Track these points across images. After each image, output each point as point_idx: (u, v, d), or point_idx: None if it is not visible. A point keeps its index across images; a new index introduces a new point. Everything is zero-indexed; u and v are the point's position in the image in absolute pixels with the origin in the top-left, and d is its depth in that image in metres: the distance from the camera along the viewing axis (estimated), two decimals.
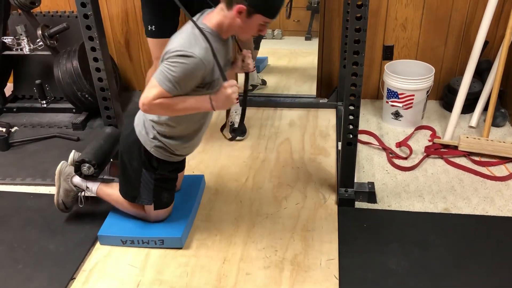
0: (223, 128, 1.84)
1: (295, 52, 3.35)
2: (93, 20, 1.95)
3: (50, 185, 2.30)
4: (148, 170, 1.80)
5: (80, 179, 2.00)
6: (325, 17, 2.81)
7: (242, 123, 1.84)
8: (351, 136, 2.00)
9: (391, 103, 2.68)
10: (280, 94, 3.05)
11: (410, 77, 2.59)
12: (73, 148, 2.17)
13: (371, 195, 2.12)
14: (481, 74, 2.76)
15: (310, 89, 3.04)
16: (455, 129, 2.59)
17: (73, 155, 2.08)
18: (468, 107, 2.72)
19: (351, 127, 1.98)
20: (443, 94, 2.91)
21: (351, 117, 1.96)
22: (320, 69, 2.95)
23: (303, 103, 2.94)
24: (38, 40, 2.76)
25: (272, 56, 3.30)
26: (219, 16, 1.57)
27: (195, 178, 2.22)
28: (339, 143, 2.16)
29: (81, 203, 2.04)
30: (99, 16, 1.99)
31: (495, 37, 2.73)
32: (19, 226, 2.07)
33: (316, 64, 2.94)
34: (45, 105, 3.01)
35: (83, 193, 2.03)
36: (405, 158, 2.43)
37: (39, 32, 2.71)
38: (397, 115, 2.69)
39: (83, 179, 2.00)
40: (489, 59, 2.75)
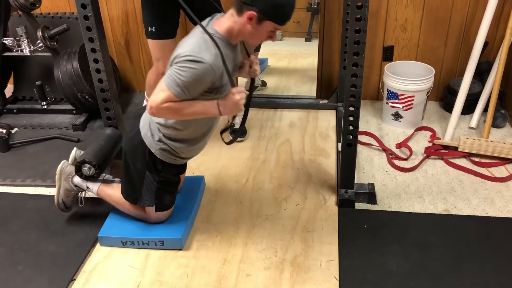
0: (223, 132, 1.84)
1: (295, 53, 3.35)
2: (93, 22, 1.95)
3: (50, 186, 2.30)
4: (152, 172, 1.80)
5: (80, 179, 2.01)
6: (325, 18, 2.81)
7: (243, 125, 1.85)
8: (351, 137, 2.00)
9: (391, 104, 2.68)
10: (280, 95, 3.05)
11: (410, 78, 2.59)
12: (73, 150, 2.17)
13: (371, 196, 2.12)
14: (481, 75, 2.76)
15: (310, 90, 3.04)
16: (455, 130, 2.59)
17: (74, 152, 2.07)
18: (468, 108, 2.72)
19: (351, 128, 1.98)
20: (443, 95, 2.91)
21: (351, 118, 1.96)
22: (320, 70, 2.95)
23: (303, 104, 2.94)
24: (38, 42, 2.77)
25: (272, 57, 3.31)
26: (229, 22, 1.58)
27: (195, 179, 2.22)
28: (339, 144, 2.16)
29: (81, 203, 2.04)
30: (99, 18, 2.00)
31: (495, 38, 2.73)
32: (19, 227, 2.07)
33: (316, 65, 2.94)
34: (45, 106, 3.01)
35: (84, 193, 2.03)
36: (405, 159, 2.43)
37: (39, 33, 2.71)
38: (397, 116, 2.70)
39: (83, 179, 2.01)
40: (489, 60, 2.75)
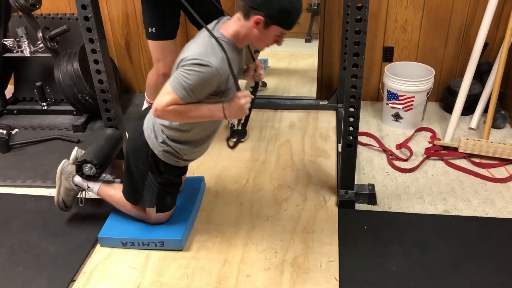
0: (229, 139, 1.85)
1: (295, 54, 3.35)
2: (94, 22, 1.95)
3: (50, 187, 2.30)
4: (154, 174, 1.80)
5: (81, 179, 2.01)
6: (325, 19, 2.81)
7: (245, 127, 1.85)
8: (351, 138, 2.00)
9: (391, 105, 2.68)
10: (280, 96, 3.05)
11: (410, 79, 2.59)
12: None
13: (371, 197, 2.12)
14: (481, 75, 2.76)
15: (310, 91, 3.04)
16: (455, 131, 2.59)
17: (75, 152, 2.08)
18: (468, 109, 2.72)
19: (351, 129, 1.98)
20: (443, 96, 2.91)
21: (351, 119, 1.96)
22: (320, 71, 2.95)
23: (303, 105, 2.94)
24: (38, 42, 2.77)
25: (272, 58, 3.31)
26: (236, 26, 1.58)
27: (195, 180, 2.22)
28: (339, 145, 2.16)
29: (81, 203, 2.04)
30: (99, 18, 2.00)
31: (495, 38, 2.73)
32: (19, 228, 2.07)
33: (316, 66, 2.94)
34: (45, 107, 3.01)
35: (84, 192, 2.03)
36: (405, 160, 2.43)
37: (39, 34, 2.71)
38: (397, 117, 2.70)
39: (84, 179, 2.01)
40: (489, 61, 2.75)
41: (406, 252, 1.85)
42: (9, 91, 3.16)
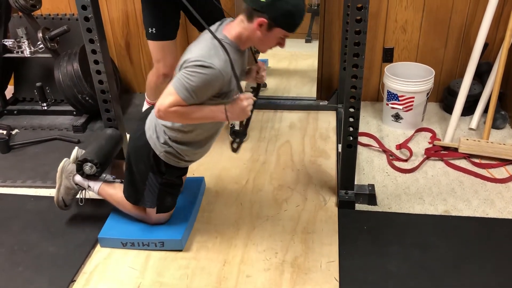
0: (233, 142, 1.85)
1: (295, 55, 3.36)
2: (94, 23, 1.95)
3: (50, 187, 2.30)
4: (155, 174, 1.81)
5: (82, 178, 2.01)
6: (325, 19, 2.81)
7: (246, 129, 1.86)
8: (351, 138, 2.00)
9: (391, 105, 2.68)
10: (280, 96, 3.05)
11: (410, 79, 2.59)
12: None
13: (371, 197, 2.12)
14: (481, 76, 2.76)
15: (310, 91, 3.04)
16: (455, 131, 2.59)
17: (76, 152, 2.08)
18: (468, 109, 2.72)
19: (351, 129, 1.98)
20: (443, 96, 2.91)
21: (351, 119, 1.96)
22: (320, 71, 2.96)
23: (303, 105, 2.94)
24: (38, 43, 2.77)
25: (272, 59, 3.31)
26: (239, 28, 1.59)
27: (195, 180, 2.22)
28: (339, 145, 2.17)
29: (81, 202, 2.05)
30: (99, 19, 2.00)
31: (495, 39, 2.73)
32: (19, 228, 2.07)
33: (316, 66, 2.94)
34: (45, 108, 3.01)
35: (84, 192, 2.03)
36: (405, 160, 2.43)
37: (39, 34, 2.71)
38: (397, 117, 2.70)
39: (85, 178, 2.01)
40: (489, 61, 2.75)
41: (406, 252, 1.85)
42: (9, 91, 3.17)
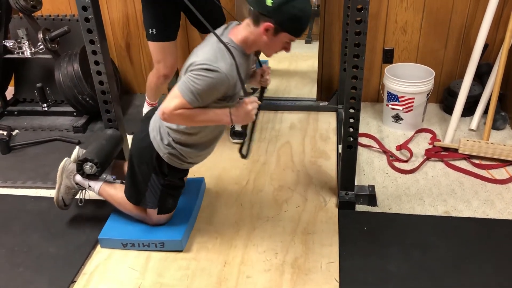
0: (241, 148, 1.85)
1: (295, 56, 3.36)
2: (94, 24, 1.95)
3: (50, 188, 2.30)
4: (158, 176, 1.81)
5: (82, 178, 2.01)
6: (325, 20, 2.82)
7: (246, 129, 1.86)
8: (351, 139, 2.00)
9: (391, 106, 2.68)
10: (280, 97, 3.05)
11: (410, 80, 2.59)
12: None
13: (371, 198, 2.12)
14: (481, 77, 2.77)
15: (310, 92, 3.04)
16: (455, 132, 2.60)
17: (77, 151, 2.08)
18: (468, 110, 2.72)
19: (352, 130, 1.98)
20: (443, 97, 2.91)
21: (351, 120, 1.96)
22: (321, 72, 2.96)
23: (303, 106, 2.94)
24: (39, 44, 2.77)
25: (273, 60, 3.30)
26: (245, 32, 1.59)
27: (195, 181, 2.22)
28: (340, 146, 2.17)
29: (80, 203, 2.05)
30: (100, 20, 2.00)
31: (495, 40, 2.73)
32: (19, 229, 2.08)
33: (316, 67, 2.94)
34: (46, 108, 3.02)
35: (84, 192, 2.03)
36: (406, 161, 2.43)
37: (40, 35, 2.72)
38: (397, 118, 2.70)
39: (85, 178, 2.01)
40: (489, 62, 2.75)
41: (406, 253, 1.85)
42: (9, 92, 3.17)
